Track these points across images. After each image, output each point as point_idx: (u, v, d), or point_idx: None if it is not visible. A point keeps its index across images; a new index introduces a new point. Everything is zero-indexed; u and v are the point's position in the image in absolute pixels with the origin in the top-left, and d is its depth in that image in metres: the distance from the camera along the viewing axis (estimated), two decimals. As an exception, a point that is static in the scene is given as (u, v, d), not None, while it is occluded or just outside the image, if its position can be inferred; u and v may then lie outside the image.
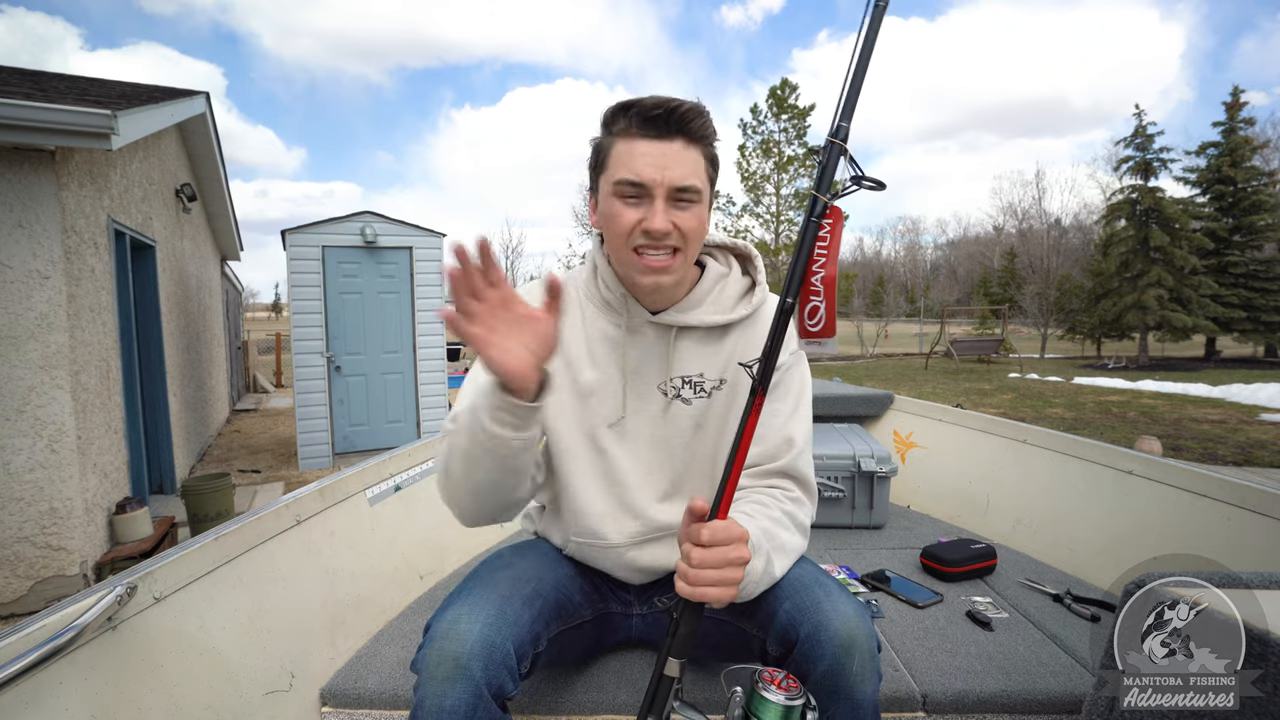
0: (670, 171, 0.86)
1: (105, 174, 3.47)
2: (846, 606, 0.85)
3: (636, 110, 0.86)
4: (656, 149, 0.86)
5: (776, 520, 0.92)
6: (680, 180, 0.86)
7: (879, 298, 38.39)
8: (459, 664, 0.78)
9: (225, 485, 3.78)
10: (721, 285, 1.03)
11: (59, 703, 0.78)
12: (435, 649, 0.80)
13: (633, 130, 0.87)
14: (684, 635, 0.78)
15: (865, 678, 0.81)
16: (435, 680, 0.78)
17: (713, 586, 0.75)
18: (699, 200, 0.89)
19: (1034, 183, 37.81)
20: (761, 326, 1.02)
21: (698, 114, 0.87)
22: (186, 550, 1.03)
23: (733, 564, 0.76)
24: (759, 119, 21.37)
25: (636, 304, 1.00)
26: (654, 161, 0.85)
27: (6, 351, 2.76)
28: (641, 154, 0.86)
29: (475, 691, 0.77)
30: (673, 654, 0.78)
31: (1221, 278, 16.46)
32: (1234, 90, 17.28)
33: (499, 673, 0.80)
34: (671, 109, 0.85)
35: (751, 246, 1.09)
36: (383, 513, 1.59)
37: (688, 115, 0.86)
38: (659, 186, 0.86)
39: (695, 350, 1.01)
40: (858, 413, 2.62)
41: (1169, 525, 1.49)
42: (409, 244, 5.74)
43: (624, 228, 0.88)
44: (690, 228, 0.89)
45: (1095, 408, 8.68)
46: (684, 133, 0.87)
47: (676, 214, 0.88)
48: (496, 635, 0.82)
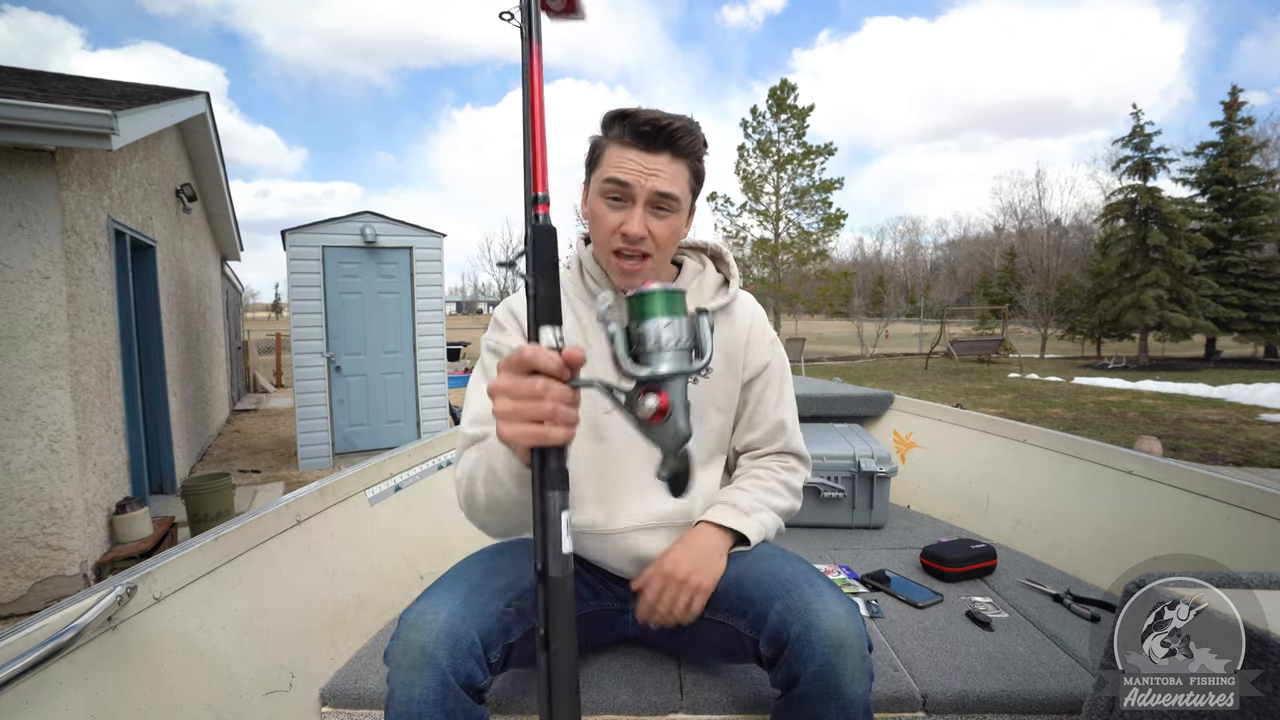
0: (654, 179, 0.93)
1: (105, 174, 3.47)
2: (837, 606, 0.85)
3: (631, 121, 0.93)
4: (644, 159, 0.93)
5: (772, 490, 1.10)
6: (661, 187, 0.93)
7: (879, 298, 38.38)
8: (424, 652, 0.80)
9: (225, 485, 3.78)
10: (699, 279, 1.12)
11: (59, 703, 0.78)
12: (402, 639, 0.82)
13: (626, 138, 0.93)
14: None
15: (856, 678, 0.81)
16: (402, 669, 0.80)
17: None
18: (676, 210, 0.97)
19: (1034, 183, 37.87)
20: (738, 319, 1.11)
21: (687, 132, 0.94)
22: (186, 550, 1.03)
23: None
24: (759, 119, 21.37)
25: (624, 296, 1.04)
26: (640, 168, 0.93)
27: (6, 351, 2.76)
28: (630, 159, 0.93)
29: (442, 679, 0.79)
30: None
31: (1221, 278, 16.45)
32: (1232, 90, 17.28)
33: (465, 660, 0.81)
34: (662, 126, 0.92)
35: (723, 245, 1.17)
36: (383, 513, 1.59)
37: (677, 133, 0.93)
38: (641, 190, 0.93)
39: None
40: (858, 413, 2.62)
41: (1169, 525, 1.49)
42: (409, 244, 5.74)
43: (605, 231, 0.97)
44: (663, 235, 0.96)
45: (1095, 408, 8.68)
46: (672, 148, 0.94)
47: (653, 220, 0.95)
48: (461, 624, 0.84)
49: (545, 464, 0.66)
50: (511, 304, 1.09)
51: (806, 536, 2.00)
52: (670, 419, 0.66)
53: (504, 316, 1.08)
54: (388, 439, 5.75)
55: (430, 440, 1.89)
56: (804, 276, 21.63)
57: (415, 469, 1.76)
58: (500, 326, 1.07)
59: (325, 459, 5.52)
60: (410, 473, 1.74)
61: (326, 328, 5.49)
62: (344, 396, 5.66)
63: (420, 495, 1.74)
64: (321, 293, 5.44)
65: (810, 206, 21.35)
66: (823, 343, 26.62)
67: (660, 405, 0.65)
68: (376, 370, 5.80)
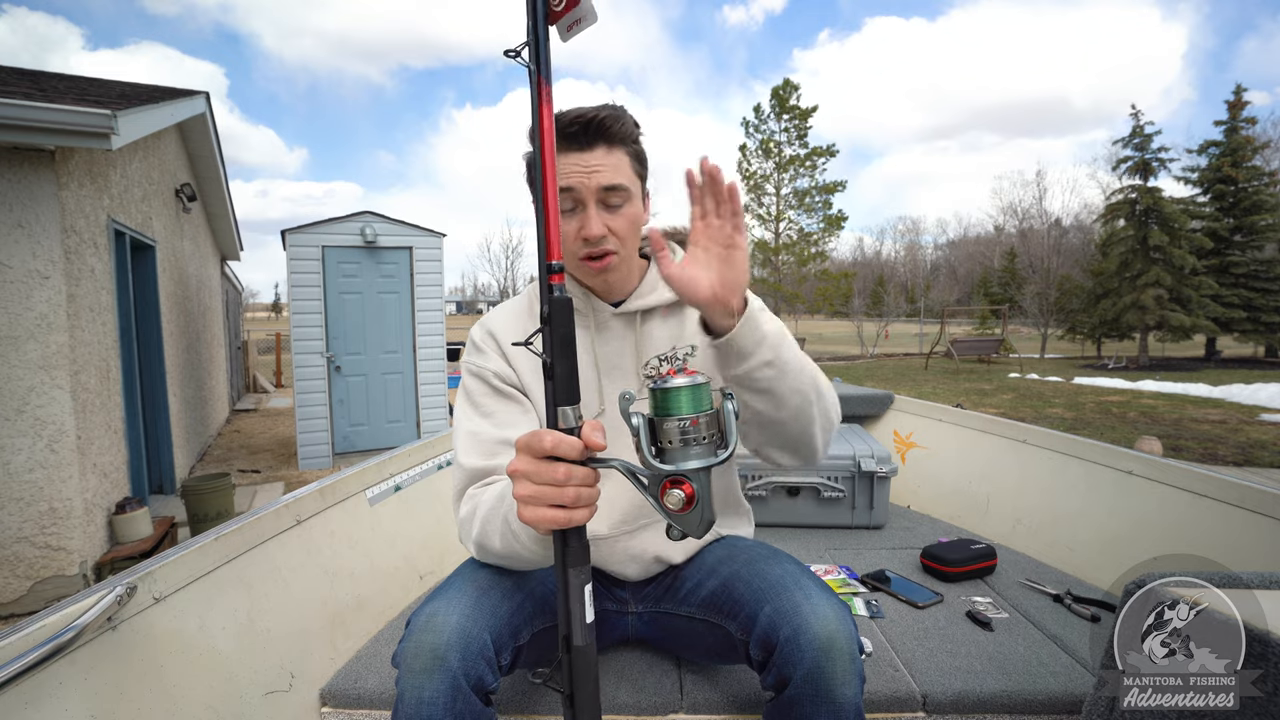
0: (596, 175, 0.91)
1: (105, 174, 3.47)
2: (826, 609, 0.84)
3: (558, 127, 0.89)
4: (581, 158, 0.91)
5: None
6: (605, 181, 0.91)
7: (879, 298, 38.35)
8: (436, 655, 0.79)
9: (225, 485, 3.78)
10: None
11: (59, 703, 0.78)
12: (413, 641, 0.81)
13: (560, 145, 0.90)
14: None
15: (846, 680, 0.81)
16: (413, 672, 0.79)
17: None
18: (629, 199, 0.95)
19: (1035, 183, 37.73)
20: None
21: (614, 119, 0.92)
22: (186, 550, 1.03)
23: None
24: (761, 119, 21.38)
25: (599, 300, 1.04)
26: (580, 168, 0.91)
27: (6, 351, 2.76)
28: (568, 164, 0.91)
29: (453, 682, 0.78)
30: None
31: (1222, 278, 16.43)
32: (1236, 89, 17.20)
33: (476, 663, 0.81)
34: (588, 120, 0.90)
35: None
36: (383, 513, 1.59)
37: (605, 123, 0.91)
38: (587, 190, 0.91)
39: (661, 327, 1.06)
40: (858, 413, 2.62)
41: (1169, 525, 1.49)
42: (409, 244, 5.74)
43: (570, 239, 0.94)
44: (622, 228, 0.95)
45: (1095, 408, 8.68)
46: (604, 138, 0.92)
47: (608, 217, 0.94)
48: (473, 626, 0.83)
49: (567, 542, 0.68)
50: (489, 323, 1.06)
51: (806, 536, 2.00)
52: (696, 507, 0.65)
53: (481, 338, 1.05)
54: (388, 439, 5.75)
55: (430, 440, 1.89)
56: (804, 277, 21.63)
57: (415, 469, 1.76)
58: (479, 349, 1.04)
59: (325, 459, 5.52)
60: (410, 473, 1.74)
61: (326, 328, 5.49)
62: (344, 396, 5.66)
63: (420, 495, 1.74)
64: (321, 293, 5.44)
65: (811, 208, 21.36)
66: (823, 343, 26.62)
67: (687, 496, 0.65)
68: (376, 370, 5.80)
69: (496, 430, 0.96)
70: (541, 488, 0.66)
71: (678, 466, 0.65)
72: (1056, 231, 27.08)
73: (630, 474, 0.67)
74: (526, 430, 0.70)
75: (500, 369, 1.02)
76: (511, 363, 1.02)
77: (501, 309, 1.09)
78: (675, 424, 0.65)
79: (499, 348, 1.03)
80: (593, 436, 0.66)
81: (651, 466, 0.66)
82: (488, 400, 1.00)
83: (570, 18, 0.73)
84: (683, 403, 0.65)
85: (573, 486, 0.65)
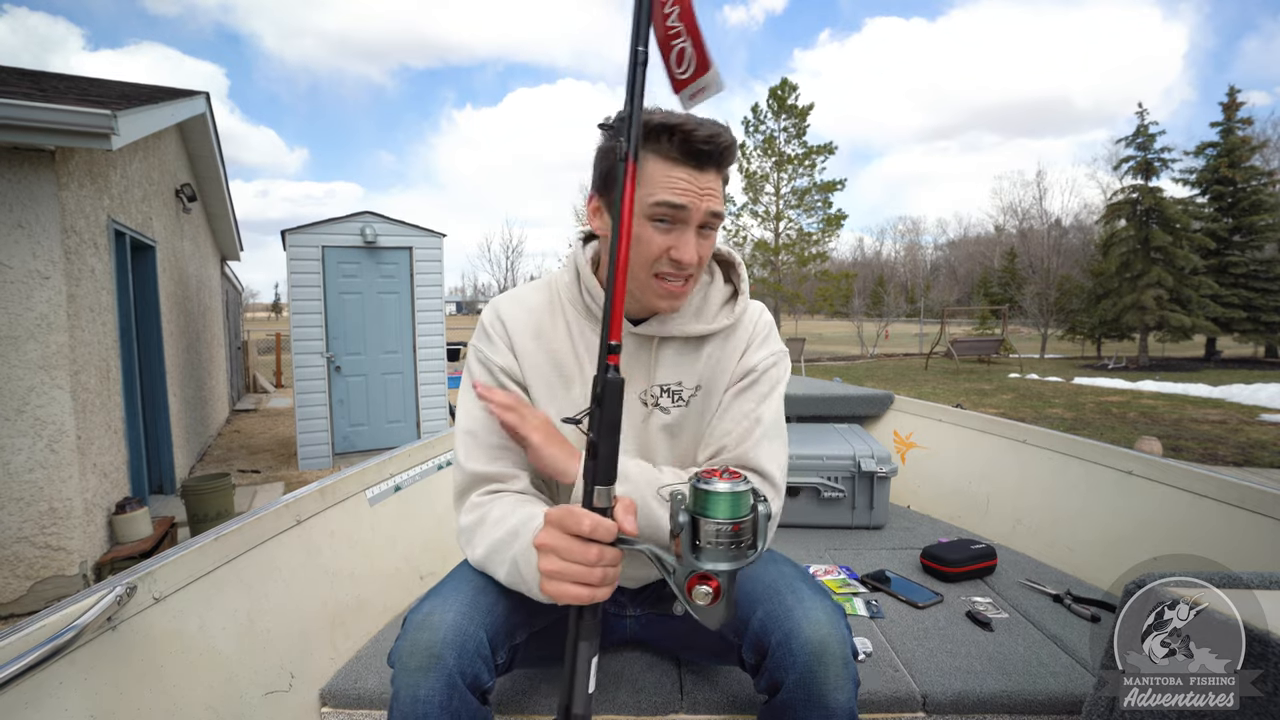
0: (708, 200, 0.87)
1: (105, 174, 3.47)
2: (818, 613, 0.84)
3: (683, 136, 0.83)
4: (697, 178, 0.85)
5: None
6: (715, 207, 0.87)
7: (879, 298, 38.35)
8: (432, 653, 0.78)
9: (225, 485, 3.78)
10: (705, 294, 1.02)
11: (59, 703, 0.78)
12: (409, 639, 0.81)
13: (674, 155, 0.84)
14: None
15: (839, 685, 0.80)
16: (409, 670, 0.78)
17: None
18: (719, 225, 0.91)
19: (1035, 183, 37.70)
20: (741, 332, 1.02)
21: (737, 147, 0.89)
22: (186, 550, 1.03)
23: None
24: (760, 118, 21.37)
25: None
26: (695, 189, 0.85)
27: (6, 351, 2.76)
28: (682, 180, 0.85)
29: (449, 681, 0.78)
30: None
31: (1222, 278, 16.44)
32: (1230, 91, 17.21)
33: (473, 662, 0.80)
34: (721, 145, 0.85)
35: (735, 253, 1.06)
36: (383, 513, 1.59)
37: (730, 151, 0.87)
38: (696, 213, 0.86)
39: (675, 359, 0.99)
40: (858, 413, 2.62)
41: (1169, 525, 1.49)
42: (409, 244, 5.74)
43: (652, 253, 0.88)
44: (707, 255, 0.91)
45: (1095, 408, 8.68)
46: (719, 164, 0.87)
47: (700, 242, 0.89)
48: (469, 624, 0.82)
49: (581, 617, 0.69)
50: (500, 308, 1.00)
51: (806, 536, 2.00)
52: (720, 603, 0.67)
53: (491, 322, 0.99)
54: (388, 439, 5.75)
55: (430, 440, 1.89)
56: (804, 277, 21.62)
57: (415, 469, 1.76)
58: (489, 337, 0.98)
59: (325, 459, 5.52)
60: (410, 473, 1.74)
61: (326, 328, 5.49)
62: (344, 396, 5.66)
63: (420, 495, 1.74)
64: (321, 293, 5.44)
65: (810, 207, 21.35)
66: (823, 343, 26.62)
67: (714, 592, 0.67)
68: (376, 370, 5.80)
69: (497, 434, 0.94)
70: (571, 565, 0.67)
71: (711, 566, 0.66)
72: (1056, 232, 27.09)
73: (658, 560, 0.69)
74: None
75: (507, 364, 0.97)
76: (519, 357, 0.98)
77: (519, 298, 1.02)
78: (714, 526, 0.66)
79: (508, 339, 0.98)
80: (626, 521, 0.67)
81: (687, 562, 0.67)
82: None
83: (695, 86, 0.72)
84: (722, 507, 0.66)
85: (601, 568, 0.67)
